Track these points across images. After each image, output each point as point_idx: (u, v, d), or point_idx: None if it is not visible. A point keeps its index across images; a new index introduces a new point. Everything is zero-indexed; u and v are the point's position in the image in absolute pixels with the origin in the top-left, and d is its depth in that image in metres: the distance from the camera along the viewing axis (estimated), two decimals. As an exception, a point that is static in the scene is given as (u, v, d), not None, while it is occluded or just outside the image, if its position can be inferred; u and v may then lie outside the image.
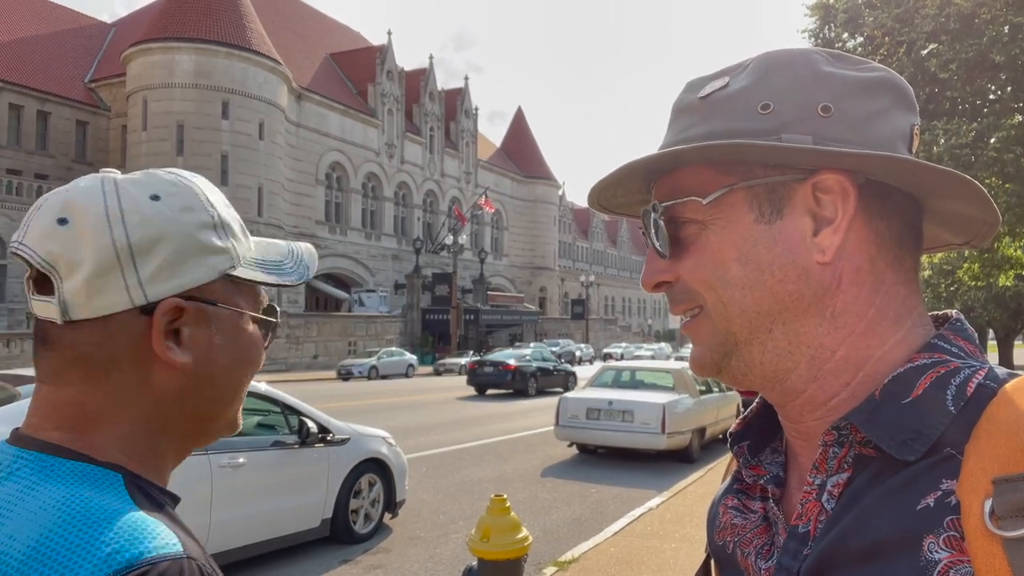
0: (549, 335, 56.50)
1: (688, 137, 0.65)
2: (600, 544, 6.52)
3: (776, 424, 0.73)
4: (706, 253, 0.65)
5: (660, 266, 0.67)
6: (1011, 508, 0.49)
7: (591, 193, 0.73)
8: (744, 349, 0.65)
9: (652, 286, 0.69)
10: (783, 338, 0.64)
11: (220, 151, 38.07)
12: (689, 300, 0.67)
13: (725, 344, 0.65)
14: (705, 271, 0.65)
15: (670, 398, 10.99)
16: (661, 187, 0.68)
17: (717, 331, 0.65)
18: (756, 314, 0.64)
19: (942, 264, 36.46)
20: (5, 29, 40.09)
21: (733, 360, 0.66)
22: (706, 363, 0.68)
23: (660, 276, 0.67)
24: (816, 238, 0.63)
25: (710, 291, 0.65)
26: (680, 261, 0.66)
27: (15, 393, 4.80)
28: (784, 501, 0.69)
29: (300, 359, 37.46)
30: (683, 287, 0.67)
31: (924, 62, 14.01)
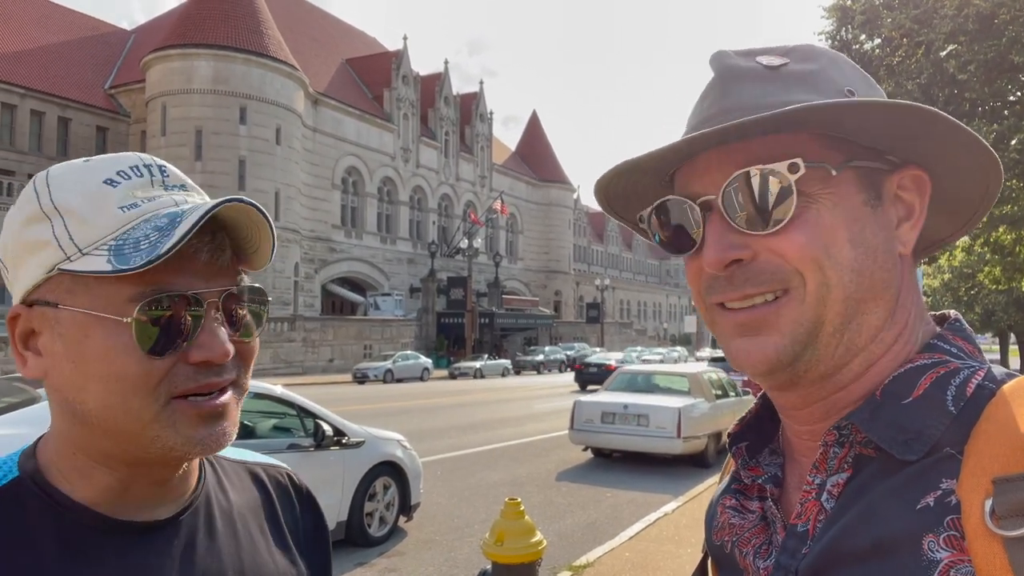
0: (564, 339, 56.42)
1: (772, 104, 0.60)
2: (615, 549, 6.49)
3: (774, 426, 0.73)
4: (818, 229, 0.60)
5: (736, 240, 0.61)
6: (1011, 508, 0.49)
7: (600, 181, 0.68)
8: (823, 341, 0.60)
9: (727, 264, 0.61)
10: (857, 330, 0.61)
11: (237, 156, 38.39)
12: (773, 281, 0.60)
13: (810, 334, 0.60)
14: (815, 248, 0.59)
15: (686, 402, 10.94)
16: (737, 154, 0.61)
17: (804, 319, 0.60)
18: (857, 300, 0.60)
19: (962, 267, 36.02)
20: (27, 38, 40.69)
21: (807, 354, 0.61)
22: (782, 357, 0.61)
23: (737, 252, 0.61)
24: (897, 231, 0.63)
25: (816, 271, 0.59)
26: (775, 236, 0.60)
27: (35, 396, 4.86)
28: (782, 501, 0.69)
29: (316, 362, 37.64)
30: (766, 265, 0.61)
31: (943, 63, 13.87)
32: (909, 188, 0.64)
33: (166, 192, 0.71)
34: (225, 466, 0.85)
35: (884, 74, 15.91)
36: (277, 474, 0.90)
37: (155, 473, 0.72)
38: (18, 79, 37.62)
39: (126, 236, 0.65)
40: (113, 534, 0.69)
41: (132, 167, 0.71)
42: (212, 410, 0.69)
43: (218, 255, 0.70)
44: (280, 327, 35.72)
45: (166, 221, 0.66)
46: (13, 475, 0.70)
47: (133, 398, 0.66)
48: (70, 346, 0.66)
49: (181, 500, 0.75)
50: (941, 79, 14.08)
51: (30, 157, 38.07)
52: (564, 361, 45.60)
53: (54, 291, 0.67)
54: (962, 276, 37.71)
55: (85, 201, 0.67)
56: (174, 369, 0.67)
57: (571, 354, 47.45)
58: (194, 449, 0.68)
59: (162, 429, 0.67)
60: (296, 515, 0.88)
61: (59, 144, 39.74)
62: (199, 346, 0.67)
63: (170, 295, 0.66)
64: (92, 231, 0.66)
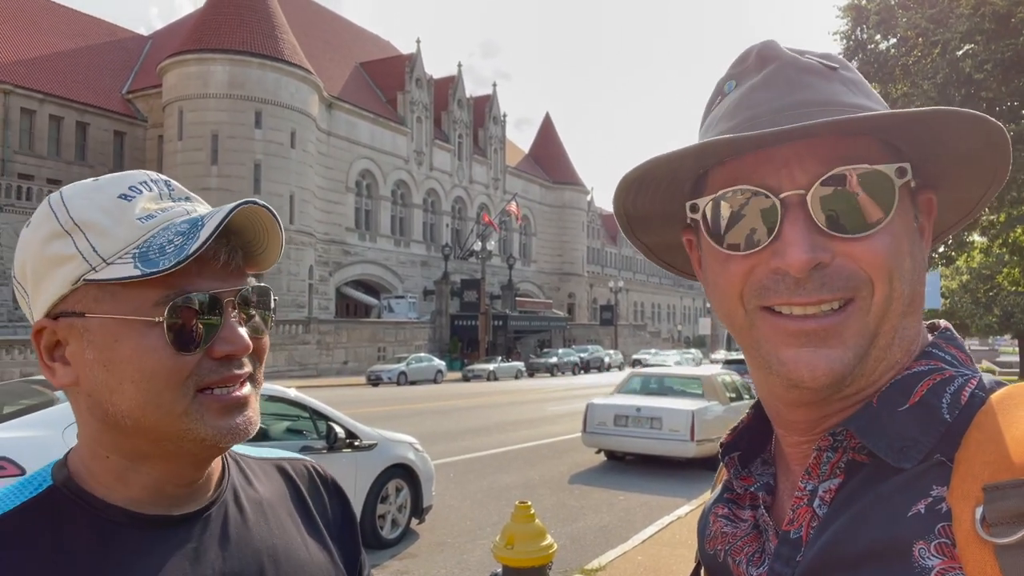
0: (578, 341, 56.34)
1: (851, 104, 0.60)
2: (627, 552, 6.47)
3: (766, 436, 0.73)
4: (895, 238, 0.58)
5: (819, 241, 0.58)
6: (1002, 515, 0.49)
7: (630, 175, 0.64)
8: (875, 353, 0.60)
9: (810, 266, 0.58)
10: (899, 344, 0.61)
11: (253, 160, 38.67)
12: (845, 289, 0.58)
13: (867, 346, 0.59)
14: (891, 258, 0.58)
15: (699, 405, 10.89)
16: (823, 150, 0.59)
17: (867, 331, 0.59)
18: (903, 314, 0.60)
19: (981, 269, 35.61)
20: (46, 44, 41.22)
21: (860, 366, 0.59)
22: (845, 372, 0.59)
23: (822, 254, 0.58)
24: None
25: (886, 282, 0.58)
26: (857, 241, 0.58)
27: (53, 398, 4.92)
28: (774, 509, 0.69)
29: (330, 365, 37.81)
30: (842, 271, 0.58)
31: (959, 63, 13.74)
32: (923, 211, 0.65)
33: (174, 203, 0.75)
34: (251, 463, 0.90)
35: (900, 74, 15.79)
36: (302, 466, 0.94)
37: (186, 472, 0.76)
38: (37, 85, 38.11)
39: (149, 243, 0.70)
40: (148, 528, 0.73)
41: (141, 183, 0.76)
42: (235, 401, 0.74)
43: (232, 257, 0.75)
44: (295, 329, 35.93)
45: (187, 226, 0.71)
46: (48, 484, 0.74)
47: (165, 394, 0.70)
48: (102, 351, 0.70)
49: (209, 495, 0.80)
50: (957, 79, 13.95)
51: (48, 162, 38.55)
52: (577, 363, 45.54)
53: (80, 301, 0.71)
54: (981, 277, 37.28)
55: (104, 215, 0.71)
56: (200, 364, 0.72)
57: (584, 356, 47.39)
58: (224, 438, 0.73)
59: (192, 422, 0.71)
60: (324, 503, 0.92)
61: (77, 149, 40.21)
62: (222, 340, 0.72)
63: (195, 296, 0.71)
64: (114, 242, 0.70)
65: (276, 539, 0.82)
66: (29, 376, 13.58)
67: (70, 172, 39.35)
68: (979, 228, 16.90)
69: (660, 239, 0.76)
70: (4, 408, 5.02)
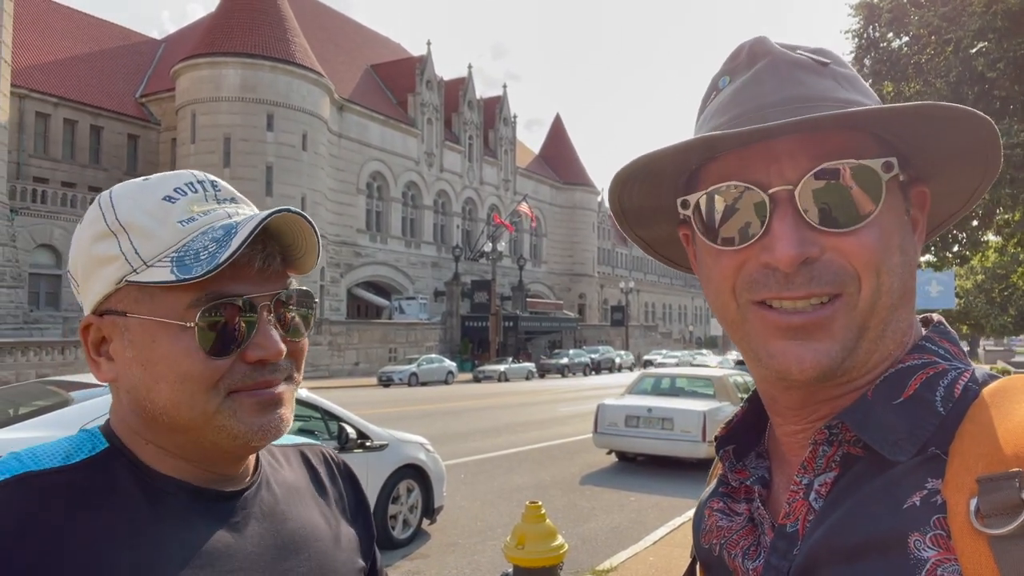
0: (589, 342, 56.25)
1: (843, 99, 0.60)
2: (639, 553, 6.47)
3: (760, 430, 0.74)
4: (883, 232, 0.59)
5: (808, 236, 0.59)
6: (996, 506, 0.50)
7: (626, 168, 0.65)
8: (865, 347, 0.61)
9: (799, 260, 0.58)
10: (892, 337, 0.62)
11: (265, 162, 38.87)
12: (833, 284, 0.59)
13: (856, 339, 0.60)
14: (878, 252, 0.59)
15: (711, 405, 10.86)
16: (810, 146, 0.59)
17: (854, 324, 0.60)
18: (894, 308, 0.61)
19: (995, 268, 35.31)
20: (60, 48, 41.61)
21: (848, 361, 0.60)
22: (834, 365, 0.60)
23: (810, 249, 0.59)
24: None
25: (873, 276, 0.59)
26: (845, 236, 0.59)
27: (68, 399, 4.97)
28: (769, 502, 0.69)
29: (342, 366, 37.94)
30: (830, 266, 0.59)
31: (972, 61, 13.63)
32: (915, 204, 0.66)
33: (219, 205, 0.77)
34: (274, 449, 0.93)
35: (912, 72, 15.68)
36: (318, 451, 0.98)
37: (220, 468, 0.78)
38: (51, 89, 38.47)
39: (186, 248, 0.71)
40: (195, 499, 0.76)
41: (187, 184, 0.77)
42: (269, 399, 0.75)
43: (269, 262, 0.76)
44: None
45: (222, 233, 0.72)
46: (103, 446, 0.77)
47: (198, 394, 0.72)
48: (140, 351, 0.73)
49: (247, 479, 0.83)
50: (971, 77, 13.84)
51: (63, 165, 38.89)
52: (588, 364, 45.47)
53: (123, 301, 0.73)
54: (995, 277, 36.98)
55: (147, 217, 0.73)
56: (233, 367, 0.73)
57: (595, 357, 47.32)
58: (256, 435, 0.74)
59: (226, 419, 0.73)
60: (339, 487, 0.96)
61: (91, 152, 40.54)
62: (255, 346, 0.73)
63: (227, 301, 0.72)
64: (155, 245, 0.72)
65: (306, 520, 0.86)
66: (45, 377, 13.73)
67: (84, 175, 39.69)
68: (994, 227, 16.74)
69: (658, 233, 0.77)
70: (20, 409, 5.08)
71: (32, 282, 32.28)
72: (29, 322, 29.89)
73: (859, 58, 16.80)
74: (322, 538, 0.85)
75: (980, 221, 16.12)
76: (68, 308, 32.98)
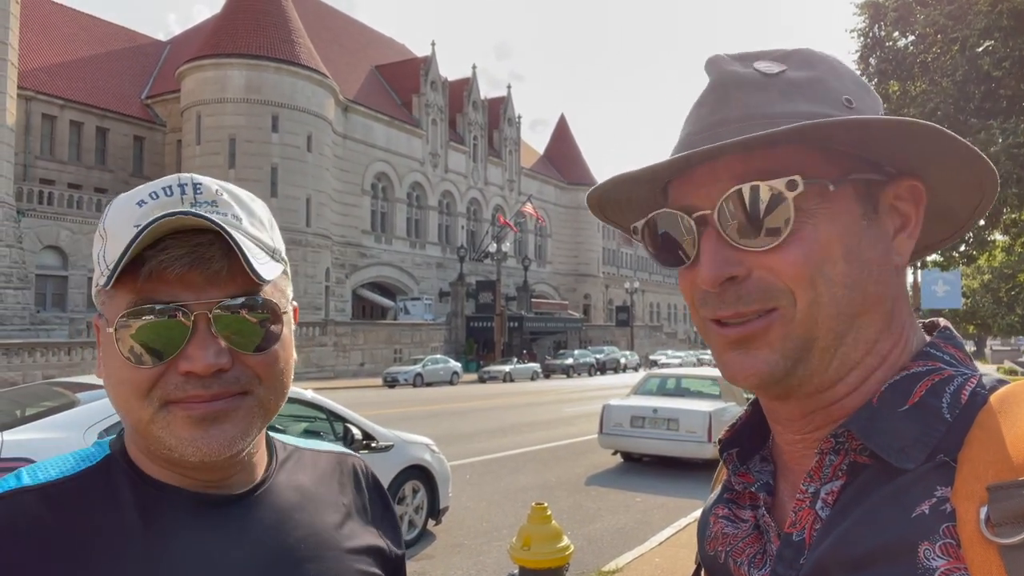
0: (594, 342, 56.21)
1: (773, 113, 0.60)
2: (645, 554, 6.45)
3: (764, 432, 0.73)
4: (814, 245, 0.59)
5: (732, 257, 0.60)
6: (1007, 515, 0.49)
7: (595, 191, 0.68)
8: (817, 355, 0.60)
9: (722, 281, 0.60)
10: (852, 344, 0.61)
11: (270, 164, 38.97)
12: (764, 299, 0.60)
13: (800, 350, 0.60)
14: (809, 265, 0.59)
15: (716, 406, 10.83)
16: (735, 166, 0.60)
17: (794, 335, 0.60)
18: (848, 316, 0.60)
19: (1002, 268, 35.16)
20: (66, 50, 41.78)
21: (799, 369, 0.61)
22: (775, 372, 0.61)
23: (733, 269, 0.60)
24: (893, 241, 0.63)
25: (807, 289, 0.59)
26: (771, 253, 0.59)
27: (74, 400, 4.98)
28: (774, 509, 0.68)
29: (347, 367, 38.00)
30: (759, 283, 0.60)
31: (978, 60, 13.58)
32: (905, 198, 0.63)
33: (192, 208, 0.72)
34: (303, 453, 0.92)
35: (918, 71, 15.64)
36: (350, 462, 0.98)
37: (198, 475, 0.76)
38: (58, 91, 38.64)
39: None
40: (192, 506, 0.76)
41: (165, 187, 0.75)
42: (205, 413, 0.71)
43: (205, 265, 0.70)
44: (311, 332, 36.14)
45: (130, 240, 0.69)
46: (106, 453, 0.79)
47: (132, 401, 0.72)
48: (103, 351, 0.76)
49: (252, 481, 0.81)
50: (976, 76, 13.79)
51: (69, 167, 39.05)
52: (593, 364, 45.45)
53: (99, 303, 0.76)
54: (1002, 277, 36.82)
55: (120, 223, 0.73)
56: (165, 377, 0.70)
57: (600, 357, 47.30)
58: (191, 450, 0.71)
59: (160, 431, 0.71)
60: (364, 499, 0.94)
61: (97, 154, 40.70)
62: (185, 357, 0.70)
63: (151, 306, 0.69)
64: (116, 249, 0.71)
65: (320, 528, 0.84)
66: (51, 378, 13.80)
67: (90, 177, 39.84)
68: (1001, 226, 16.68)
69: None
70: (27, 410, 5.09)
71: (39, 283, 32.42)
72: (36, 323, 30.02)
73: (864, 57, 16.75)
74: (333, 548, 0.83)
75: (987, 220, 16.06)
76: (74, 309, 33.13)
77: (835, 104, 0.62)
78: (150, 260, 0.69)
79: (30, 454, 4.29)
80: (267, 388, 0.75)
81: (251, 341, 0.73)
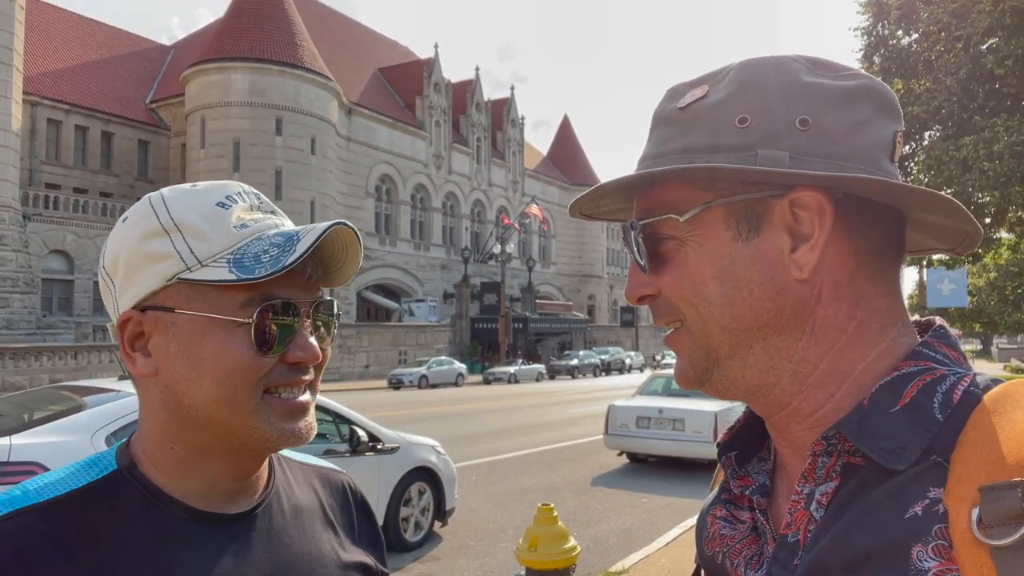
0: (599, 343, 56.18)
1: (668, 151, 0.65)
2: (651, 555, 6.45)
3: (763, 434, 0.74)
4: (685, 270, 0.64)
5: (643, 280, 0.68)
6: (999, 516, 0.49)
7: (572, 206, 0.75)
8: (726, 364, 0.65)
9: (636, 299, 0.69)
10: (764, 353, 0.64)
11: (274, 167, 39.05)
12: (670, 314, 0.67)
13: (707, 359, 0.65)
14: (684, 288, 0.65)
15: (722, 406, 10.79)
16: (641, 202, 0.68)
17: (697, 346, 0.65)
18: (736, 331, 0.63)
19: (1008, 266, 35.02)
20: (71, 55, 41.93)
21: (715, 375, 0.66)
22: (689, 376, 0.68)
23: (643, 290, 0.67)
24: (794, 255, 0.62)
25: (690, 308, 0.65)
26: (660, 276, 0.66)
27: (82, 403, 5.00)
28: (772, 511, 0.69)
29: (352, 369, 38.04)
30: (664, 301, 0.67)
31: (981, 58, 13.55)
32: (809, 208, 0.61)
33: (263, 216, 0.80)
34: (294, 467, 0.94)
35: (922, 69, 15.61)
36: (339, 479, 0.99)
37: (243, 465, 0.80)
38: (63, 95, 38.78)
39: (243, 251, 0.75)
40: (201, 523, 0.77)
41: (236, 193, 0.80)
42: (299, 406, 0.78)
43: (316, 271, 0.81)
44: (317, 334, 36.16)
45: (282, 239, 0.75)
46: (112, 467, 0.78)
47: (240, 391, 0.74)
48: (187, 346, 0.74)
49: (256, 496, 0.83)
50: (980, 74, 13.76)
51: (74, 171, 39.18)
52: (598, 365, 45.41)
53: (171, 298, 0.75)
54: (1008, 275, 36.68)
55: (202, 220, 0.75)
56: (274, 366, 0.76)
57: (605, 358, 47.26)
58: (285, 439, 0.77)
59: (259, 421, 0.75)
60: (352, 518, 0.96)
61: (102, 158, 40.83)
62: (296, 347, 0.77)
63: (279, 302, 0.76)
64: (210, 246, 0.74)
65: (313, 546, 0.86)
66: (58, 382, 13.83)
67: (95, 181, 39.97)
68: (1007, 225, 16.62)
69: None
70: (34, 414, 5.12)
71: (45, 287, 32.54)
72: (42, 327, 30.11)
73: (868, 55, 16.73)
74: (327, 565, 0.86)
75: (993, 219, 16.01)
76: (80, 313, 33.24)
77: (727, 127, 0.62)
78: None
79: (38, 458, 4.31)
80: (319, 378, 0.83)
81: (327, 336, 0.83)
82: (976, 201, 14.43)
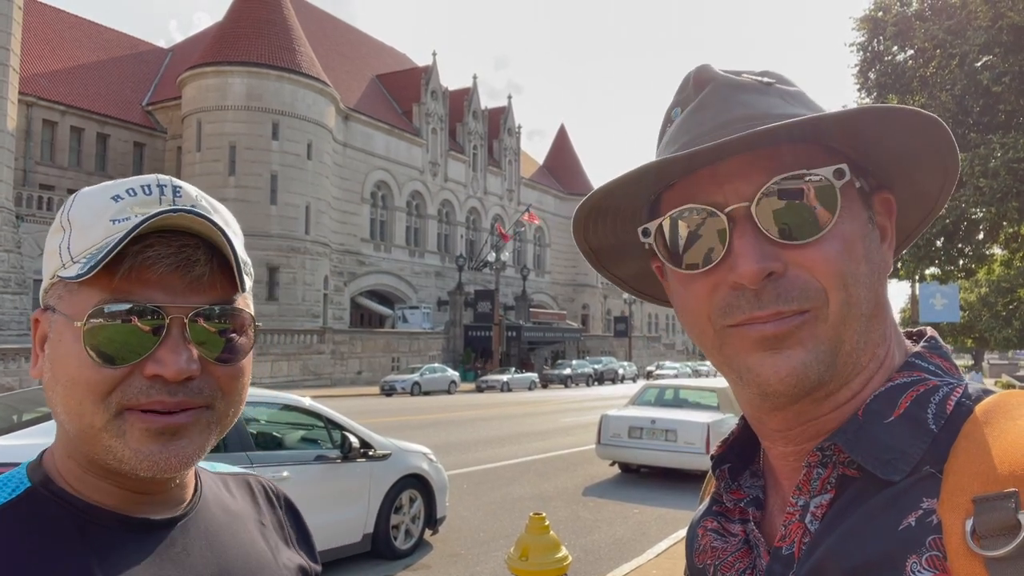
0: (592, 352, 56.16)
1: (786, 113, 0.60)
2: (642, 566, 6.42)
3: (755, 448, 0.73)
4: (847, 242, 0.58)
5: (769, 251, 0.58)
6: (992, 527, 0.49)
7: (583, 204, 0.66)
8: (841, 360, 0.59)
9: (762, 277, 0.58)
10: (864, 349, 0.60)
11: (270, 171, 39.00)
12: (800, 299, 0.58)
13: (830, 353, 0.59)
14: (844, 262, 0.58)
15: (714, 417, 10.81)
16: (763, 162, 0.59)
17: (825, 337, 0.58)
18: (867, 318, 0.60)
19: (1000, 282, 35.21)
20: (68, 57, 41.88)
21: (828, 372, 0.59)
22: (810, 376, 0.58)
23: (773, 263, 0.58)
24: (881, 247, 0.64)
25: (840, 289, 0.58)
26: (804, 249, 0.58)
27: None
28: (764, 524, 0.68)
29: (344, 375, 37.91)
30: (796, 281, 0.58)
31: (977, 75, 13.65)
32: (881, 212, 0.64)
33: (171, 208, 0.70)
34: (222, 476, 0.90)
35: (918, 85, 15.71)
36: (257, 482, 0.95)
37: (142, 485, 0.72)
38: (59, 97, 38.70)
39: (105, 245, 0.67)
40: (130, 529, 0.72)
41: (144, 185, 0.73)
42: (164, 426, 0.68)
43: (187, 269, 0.69)
44: (309, 339, 36.09)
45: (123, 234, 0.66)
46: (25, 486, 0.72)
47: (85, 403, 0.67)
48: (52, 349, 0.70)
49: (185, 505, 0.79)
50: (976, 90, 13.86)
51: (69, 172, 39.07)
52: (591, 375, 45.38)
53: (53, 296, 0.71)
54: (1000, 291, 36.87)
55: (90, 214, 0.70)
56: (129, 380, 0.67)
57: (598, 368, 47.23)
58: (143, 465, 0.67)
59: (112, 439, 0.67)
60: (279, 516, 0.93)
61: (98, 160, 40.74)
62: (155, 360, 0.67)
63: (129, 306, 0.66)
64: (85, 242, 0.69)
65: (250, 548, 0.82)
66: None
67: (91, 183, 39.29)
68: (1001, 240, 16.71)
69: (632, 270, 0.76)
70: (23, 415, 5.07)
71: (36, 289, 32.32)
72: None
73: (863, 71, 16.84)
74: (267, 566, 0.83)
75: (986, 234, 16.09)
76: (72, 315, 33.07)
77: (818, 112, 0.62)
78: (131, 257, 0.66)
79: (25, 459, 4.27)
80: (227, 402, 0.73)
81: (221, 351, 0.71)
82: (969, 217, 14.52)
